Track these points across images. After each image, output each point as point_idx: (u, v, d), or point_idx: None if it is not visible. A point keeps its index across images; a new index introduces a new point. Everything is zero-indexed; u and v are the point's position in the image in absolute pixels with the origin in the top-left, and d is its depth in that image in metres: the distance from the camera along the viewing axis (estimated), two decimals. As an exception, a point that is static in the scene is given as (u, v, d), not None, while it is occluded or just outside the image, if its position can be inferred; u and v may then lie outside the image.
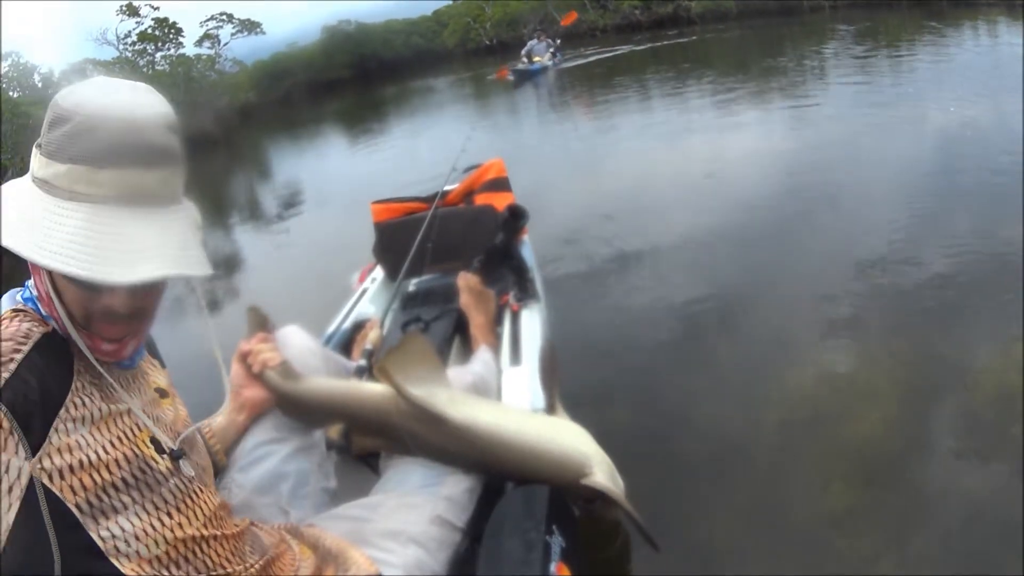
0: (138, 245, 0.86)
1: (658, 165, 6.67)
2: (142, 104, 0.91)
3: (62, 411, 0.87)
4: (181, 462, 1.03)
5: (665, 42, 19.25)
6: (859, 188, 4.93)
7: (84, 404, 0.91)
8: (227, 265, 6.71)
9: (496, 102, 14.89)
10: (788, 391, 2.71)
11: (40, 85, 20.50)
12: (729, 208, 4.87)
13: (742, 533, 2.09)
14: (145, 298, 0.96)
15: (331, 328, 2.61)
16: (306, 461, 1.60)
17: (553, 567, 1.33)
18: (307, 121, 19.47)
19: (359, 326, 2.51)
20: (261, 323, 1.80)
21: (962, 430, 2.34)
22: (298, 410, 1.63)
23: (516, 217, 2.89)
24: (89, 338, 0.94)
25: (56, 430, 0.86)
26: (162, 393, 1.13)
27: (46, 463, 0.85)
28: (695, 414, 2.66)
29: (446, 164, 3.66)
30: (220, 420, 1.56)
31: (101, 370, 0.95)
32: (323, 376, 1.74)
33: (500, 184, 3.27)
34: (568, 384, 2.08)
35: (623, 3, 27.63)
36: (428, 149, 10.22)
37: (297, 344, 1.76)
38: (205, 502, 1.04)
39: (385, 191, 3.41)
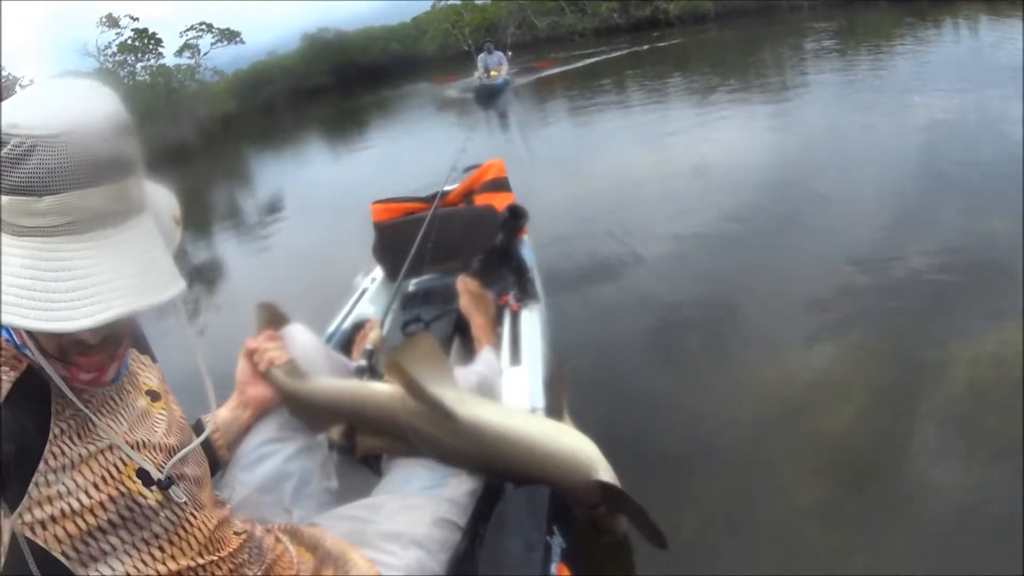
0: (91, 281, 0.76)
1: (641, 168, 6.68)
2: (80, 113, 0.78)
3: (41, 464, 0.83)
4: (172, 490, 0.97)
5: (645, 46, 19.25)
6: (834, 186, 4.97)
7: (64, 452, 0.86)
8: (213, 273, 6.67)
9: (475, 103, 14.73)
10: (761, 387, 2.72)
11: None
12: (706, 207, 4.89)
13: (713, 528, 2.09)
14: (116, 323, 0.83)
15: (331, 328, 2.60)
16: (309, 461, 1.60)
17: (553, 567, 1.33)
18: (288, 129, 19.38)
19: (359, 326, 2.50)
20: (272, 319, 1.79)
21: (934, 424, 2.35)
22: (303, 409, 1.62)
23: (516, 217, 2.89)
24: (66, 369, 0.88)
25: (36, 484, 0.83)
26: (154, 396, 1.08)
27: (27, 517, 0.82)
28: (667, 410, 2.67)
29: (429, 168, 3.65)
30: (224, 414, 1.56)
31: (83, 408, 0.89)
32: (327, 375, 1.73)
33: (500, 184, 3.26)
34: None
35: (601, 6, 27.77)
36: (410, 155, 10.20)
37: (302, 343, 1.76)
38: (199, 528, 1.01)
39: (367, 197, 3.38)
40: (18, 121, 0.77)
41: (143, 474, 0.93)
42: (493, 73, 14.44)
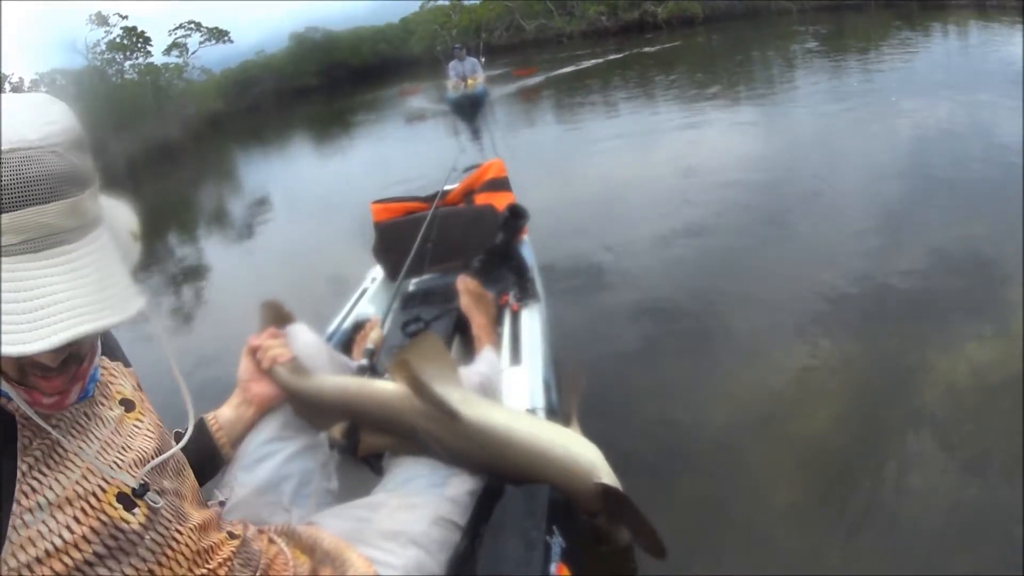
0: (49, 300, 0.73)
1: (627, 172, 6.68)
2: (31, 128, 0.76)
3: (15, 506, 0.80)
4: (148, 496, 0.93)
5: (645, 48, 19.17)
6: (817, 191, 4.97)
7: (35, 489, 0.83)
8: (200, 272, 6.65)
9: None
10: (738, 389, 2.71)
11: (11, 96, 20.28)
12: (690, 211, 4.90)
13: (688, 529, 2.06)
14: (76, 344, 0.81)
15: (331, 328, 2.59)
16: (310, 461, 1.58)
17: (553, 567, 1.32)
18: (276, 128, 19.31)
19: (359, 326, 2.48)
20: (276, 318, 1.78)
21: (912, 428, 2.35)
22: (307, 407, 1.61)
23: (516, 217, 2.87)
24: (28, 394, 0.84)
25: (14, 527, 0.80)
26: (128, 405, 1.04)
27: (11, 562, 0.79)
28: (644, 412, 2.65)
29: (417, 170, 3.62)
30: (227, 413, 1.55)
31: (51, 431, 0.86)
32: (329, 374, 1.71)
33: (500, 184, 3.25)
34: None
35: (589, 9, 27.86)
36: (397, 155, 10.18)
37: (304, 342, 1.74)
38: (186, 544, 0.98)
39: (354, 196, 3.36)
40: None
41: (123, 498, 0.91)
42: (470, 81, 13.05)
